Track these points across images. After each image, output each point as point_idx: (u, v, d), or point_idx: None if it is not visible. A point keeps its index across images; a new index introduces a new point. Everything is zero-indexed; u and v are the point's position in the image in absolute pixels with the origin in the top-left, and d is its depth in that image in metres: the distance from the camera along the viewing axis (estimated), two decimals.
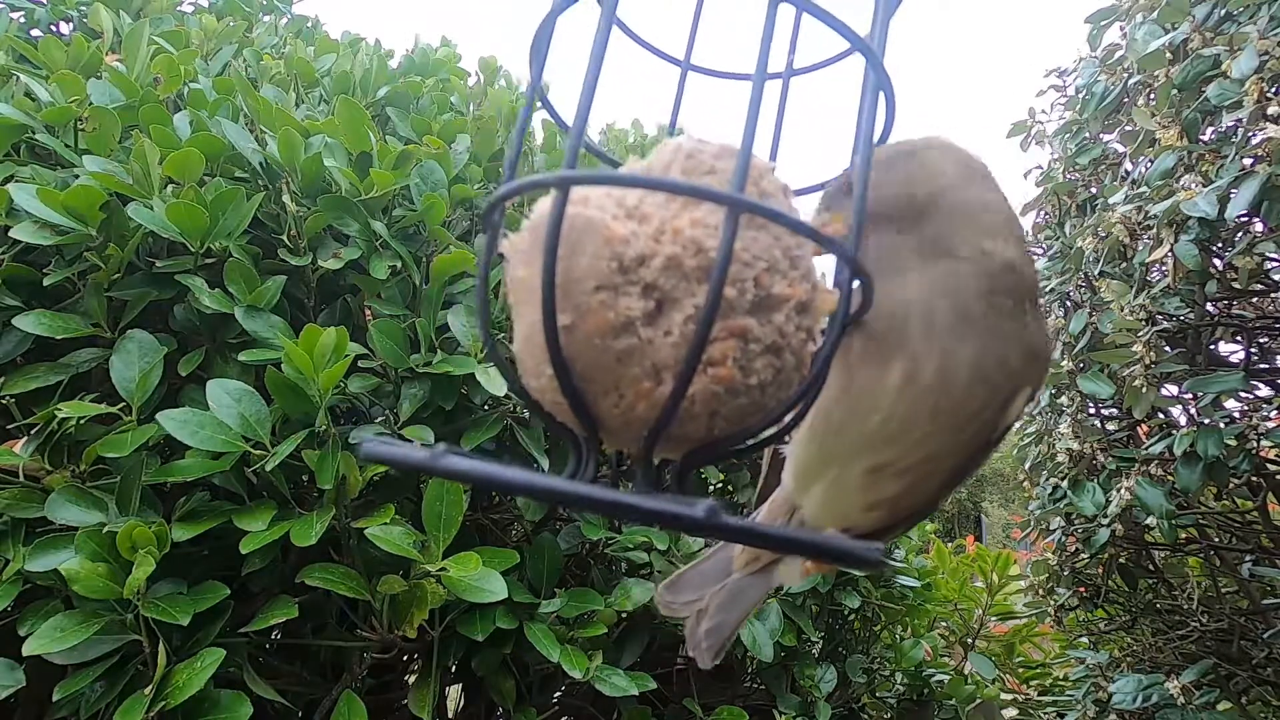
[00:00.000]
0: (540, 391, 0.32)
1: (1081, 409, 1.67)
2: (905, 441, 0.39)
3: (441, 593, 0.96)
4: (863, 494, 0.42)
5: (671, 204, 0.31)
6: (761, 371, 0.31)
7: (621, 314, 0.29)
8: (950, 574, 2.19)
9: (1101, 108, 1.63)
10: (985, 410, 0.39)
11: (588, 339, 0.30)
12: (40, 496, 0.89)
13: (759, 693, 1.49)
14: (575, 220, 0.30)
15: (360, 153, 1.19)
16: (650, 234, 0.30)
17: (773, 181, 0.34)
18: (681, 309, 0.30)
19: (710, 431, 0.31)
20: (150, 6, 1.53)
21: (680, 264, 0.30)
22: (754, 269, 0.31)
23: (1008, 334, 0.38)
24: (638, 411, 0.30)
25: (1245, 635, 1.64)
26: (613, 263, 0.30)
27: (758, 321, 0.31)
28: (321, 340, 0.94)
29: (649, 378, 0.30)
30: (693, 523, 0.25)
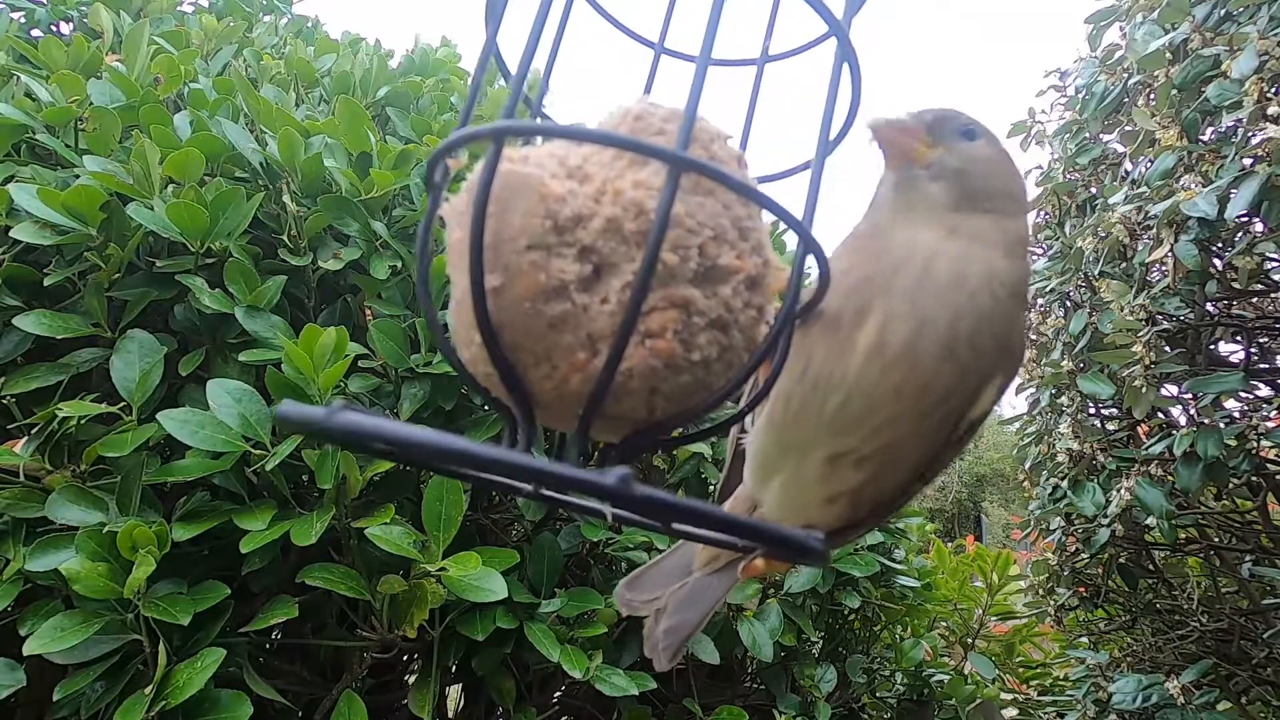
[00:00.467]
0: (472, 362, 0.30)
1: (1081, 409, 1.67)
2: (866, 426, 0.38)
3: (441, 592, 0.96)
4: (822, 485, 0.41)
5: (616, 164, 0.30)
6: (705, 347, 0.29)
7: (554, 276, 0.27)
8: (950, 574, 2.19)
9: (1101, 108, 1.63)
10: (951, 396, 0.38)
11: (518, 302, 0.28)
12: (40, 496, 0.89)
13: (759, 693, 1.49)
14: (510, 177, 0.28)
15: (360, 153, 1.19)
16: (590, 194, 0.29)
17: (726, 149, 0.33)
18: (620, 275, 0.28)
19: (651, 411, 0.29)
20: (150, 6, 1.53)
21: (620, 226, 0.28)
22: (699, 236, 0.29)
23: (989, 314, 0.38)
24: (571, 384, 0.28)
25: (1245, 635, 1.64)
26: (547, 220, 0.28)
27: (702, 293, 0.29)
28: (322, 340, 0.94)
29: (583, 348, 0.28)
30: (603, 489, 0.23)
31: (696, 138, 0.31)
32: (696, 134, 0.31)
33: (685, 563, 0.55)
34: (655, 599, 0.56)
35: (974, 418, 0.40)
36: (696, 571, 0.54)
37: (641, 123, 0.32)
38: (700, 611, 0.55)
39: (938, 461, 0.41)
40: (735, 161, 0.33)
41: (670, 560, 0.57)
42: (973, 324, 0.37)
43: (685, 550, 0.55)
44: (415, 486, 1.11)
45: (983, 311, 0.37)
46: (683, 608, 0.55)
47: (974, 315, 0.37)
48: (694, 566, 0.54)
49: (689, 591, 0.55)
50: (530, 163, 0.29)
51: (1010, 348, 0.39)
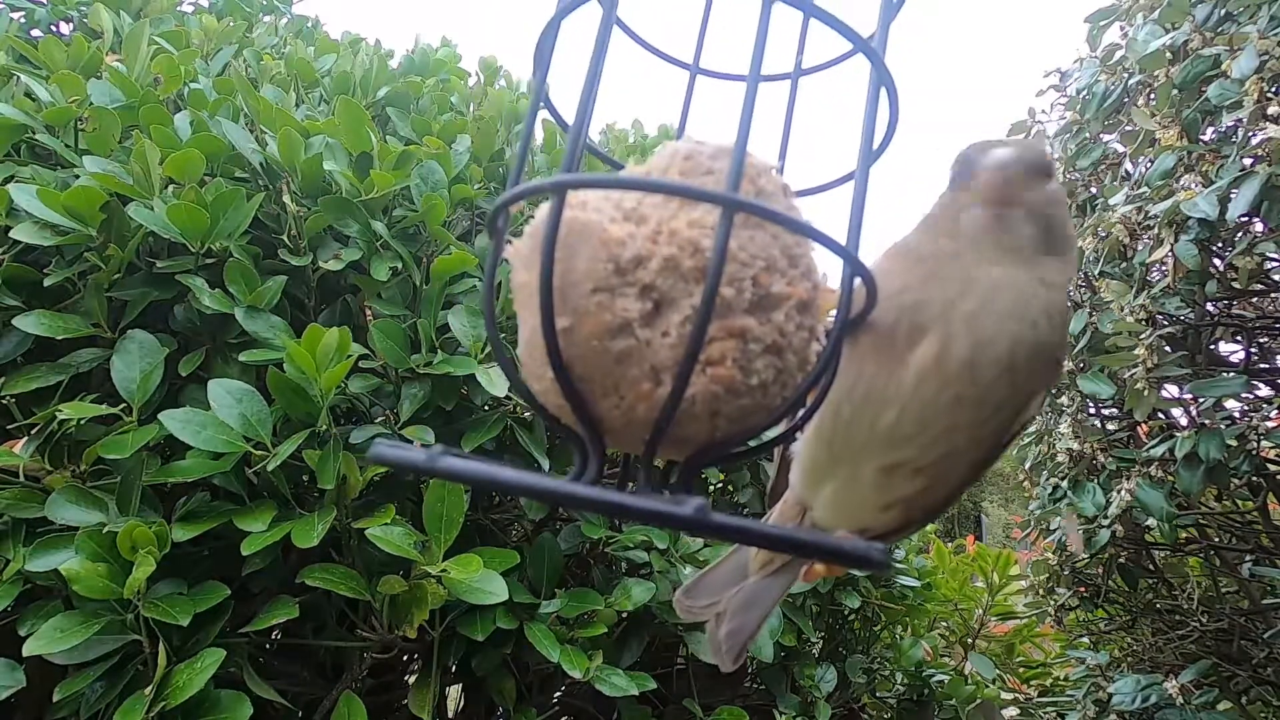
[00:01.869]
0: (544, 394, 0.32)
1: (1082, 409, 1.67)
2: (923, 439, 0.39)
3: (442, 593, 0.96)
4: (878, 494, 0.42)
5: (669, 205, 0.31)
6: (763, 371, 0.31)
7: (619, 315, 0.29)
8: (950, 574, 2.19)
9: (1102, 108, 1.63)
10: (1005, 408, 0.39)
11: (586, 341, 0.30)
12: (40, 496, 0.89)
13: (759, 693, 1.49)
14: (572, 224, 0.30)
15: (360, 153, 1.19)
16: (647, 235, 0.30)
17: (772, 180, 0.34)
18: (679, 310, 0.30)
19: (713, 432, 0.31)
20: (150, 7, 1.53)
21: (677, 265, 0.30)
22: (752, 268, 0.31)
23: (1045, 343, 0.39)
24: (638, 413, 0.30)
25: (1245, 635, 1.64)
26: (609, 264, 0.30)
27: (757, 321, 0.30)
28: (323, 340, 0.94)
29: (648, 379, 0.30)
30: (682, 521, 0.25)
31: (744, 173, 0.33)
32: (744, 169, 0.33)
33: (741, 567, 0.57)
34: (714, 604, 0.57)
35: (1023, 422, 0.41)
36: (753, 575, 0.56)
37: (690, 163, 0.34)
38: (760, 613, 0.56)
39: (990, 462, 0.42)
40: (781, 192, 0.35)
41: (725, 565, 0.58)
42: (1030, 350, 0.38)
43: (740, 555, 0.57)
44: (415, 487, 1.11)
45: (1041, 339, 0.39)
46: (742, 610, 0.56)
47: (1032, 343, 0.38)
48: (750, 570, 0.56)
49: (747, 595, 0.56)
50: (589, 208, 0.31)
51: (1058, 361, 0.41)
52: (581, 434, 0.31)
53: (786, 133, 0.45)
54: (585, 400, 0.30)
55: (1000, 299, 0.38)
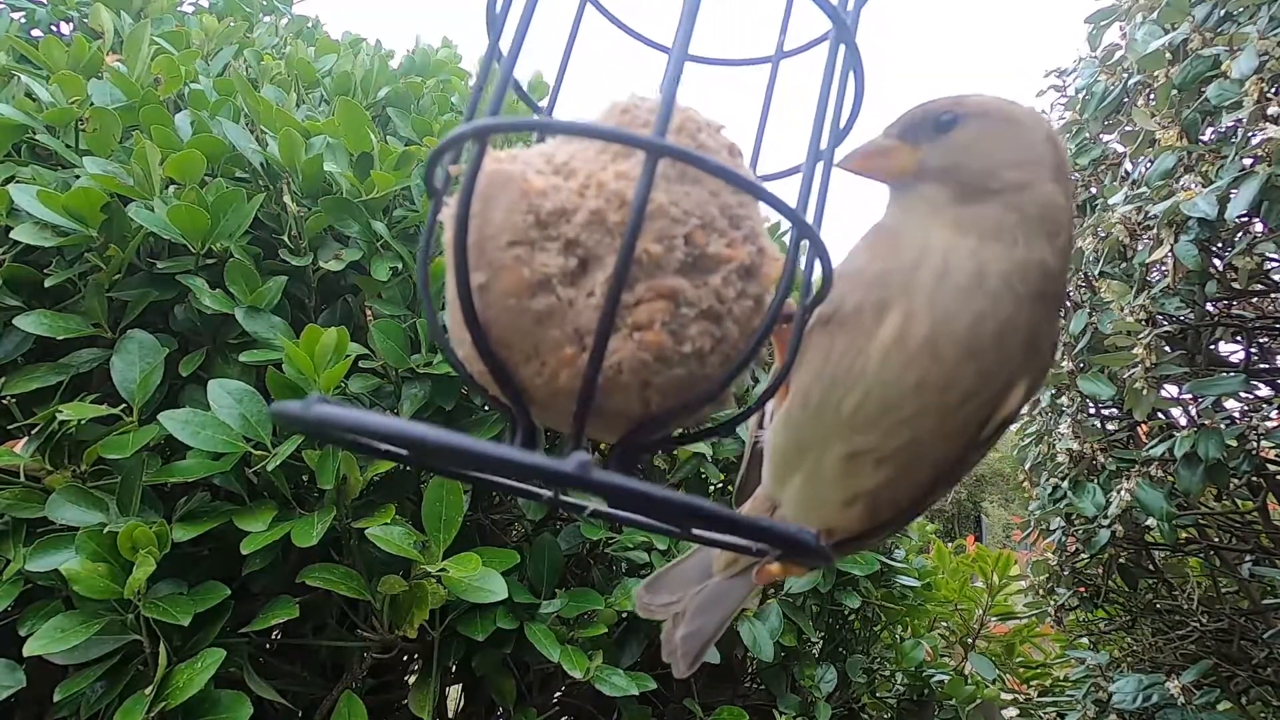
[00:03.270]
0: (468, 361, 0.30)
1: (1081, 409, 1.67)
2: (886, 423, 0.37)
3: (442, 593, 0.96)
4: (841, 485, 0.40)
5: (600, 159, 0.29)
6: (697, 339, 0.28)
7: (538, 271, 0.27)
8: (950, 574, 2.19)
9: (1101, 108, 1.63)
10: (975, 396, 0.37)
11: (503, 298, 0.28)
12: (41, 496, 0.89)
13: (759, 693, 1.49)
14: (494, 175, 0.28)
15: (361, 153, 1.19)
16: (575, 188, 0.28)
17: (716, 138, 0.32)
18: (605, 267, 0.27)
19: (646, 405, 0.29)
20: (151, 7, 1.53)
21: (604, 218, 0.28)
22: (685, 225, 0.28)
23: (1012, 317, 0.36)
24: (562, 380, 0.28)
25: (1245, 635, 1.64)
26: (529, 216, 0.28)
27: (690, 283, 0.28)
28: (322, 340, 0.94)
29: (571, 342, 0.27)
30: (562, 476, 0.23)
31: (683, 126, 0.31)
32: (683, 123, 0.31)
33: (705, 566, 0.54)
34: (674, 603, 0.54)
35: (1001, 419, 0.39)
36: (716, 575, 0.53)
37: (628, 116, 0.32)
38: (719, 616, 0.53)
39: (962, 464, 0.40)
40: (726, 151, 0.32)
41: (689, 563, 0.55)
42: (996, 326, 0.36)
43: (705, 553, 0.54)
44: (416, 487, 1.11)
45: (1006, 314, 0.36)
46: (701, 612, 0.53)
47: (997, 318, 0.36)
48: (713, 570, 0.53)
49: (707, 595, 0.53)
50: (518, 161, 0.29)
51: (1038, 349, 0.38)
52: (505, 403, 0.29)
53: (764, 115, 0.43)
54: (505, 365, 0.28)
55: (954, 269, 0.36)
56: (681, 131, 0.31)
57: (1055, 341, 0.40)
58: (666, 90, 0.26)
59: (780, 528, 0.26)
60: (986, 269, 0.36)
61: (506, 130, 0.29)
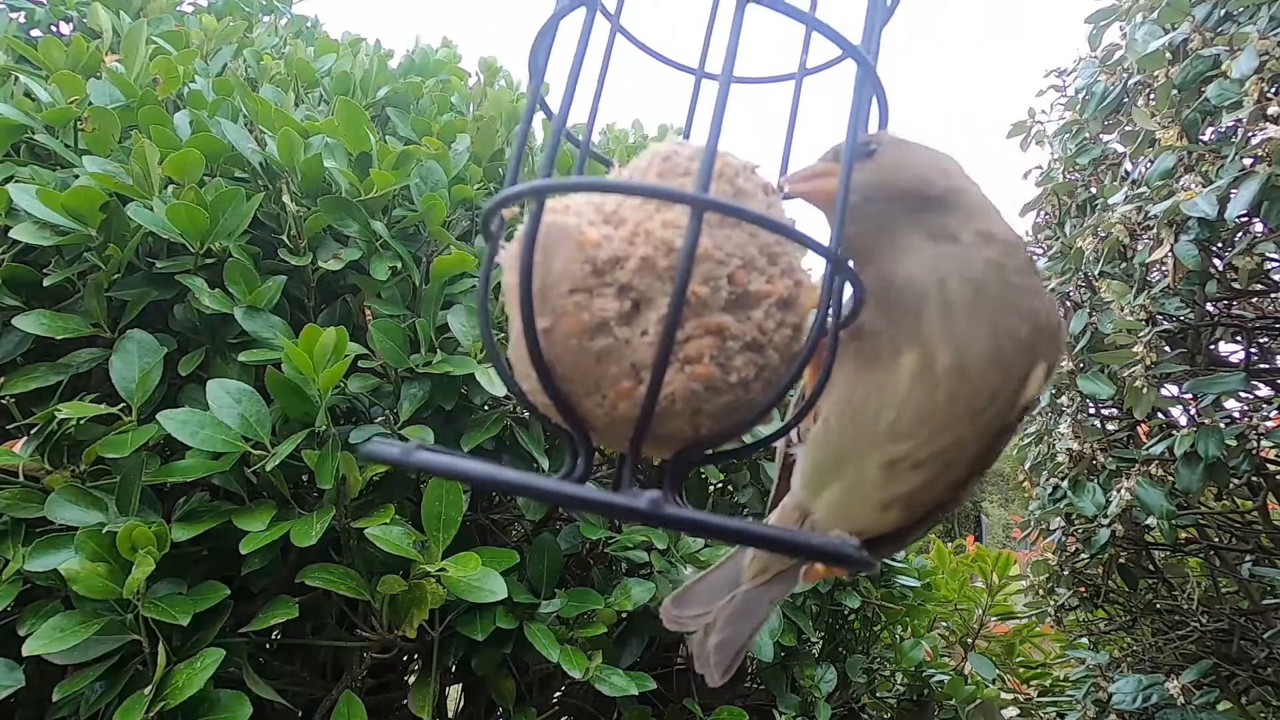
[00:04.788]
0: (532, 394, 0.33)
1: (1081, 409, 1.66)
2: (922, 433, 0.39)
3: (441, 593, 0.96)
4: (879, 491, 0.41)
5: (647, 207, 0.32)
6: (743, 368, 0.31)
7: (596, 315, 0.30)
8: (950, 574, 2.19)
9: (1101, 108, 1.63)
10: (1002, 390, 0.38)
11: (565, 340, 0.30)
12: (40, 496, 0.89)
13: (759, 693, 1.49)
14: (551, 227, 0.31)
15: (360, 153, 1.19)
16: (625, 237, 0.31)
17: (751, 179, 0.34)
18: (656, 308, 0.30)
19: (696, 429, 0.31)
20: (150, 7, 1.53)
21: (653, 264, 0.30)
22: (728, 266, 0.31)
23: (1019, 307, 0.38)
24: (620, 410, 0.30)
25: (1245, 635, 1.64)
26: (586, 265, 0.30)
27: (735, 319, 0.31)
28: (321, 340, 0.94)
29: (628, 377, 0.30)
30: (635, 513, 0.25)
31: (721, 173, 0.34)
32: (721, 169, 0.34)
33: (733, 576, 0.55)
34: (704, 614, 0.55)
35: (1025, 403, 0.40)
36: (745, 584, 0.54)
37: (669, 164, 0.34)
38: (752, 624, 0.54)
39: (992, 452, 0.41)
40: (761, 191, 0.35)
41: (717, 574, 0.56)
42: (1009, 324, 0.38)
43: (733, 563, 0.55)
44: (415, 487, 1.11)
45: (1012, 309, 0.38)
46: (733, 621, 0.54)
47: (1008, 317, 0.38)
48: (743, 579, 0.54)
49: (738, 605, 0.54)
50: (571, 211, 0.32)
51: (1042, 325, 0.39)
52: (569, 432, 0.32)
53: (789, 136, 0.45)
54: (569, 399, 0.31)
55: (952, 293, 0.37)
56: (720, 178, 0.34)
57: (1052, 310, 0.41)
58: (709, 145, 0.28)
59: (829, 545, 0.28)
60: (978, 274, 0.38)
61: (564, 191, 0.31)
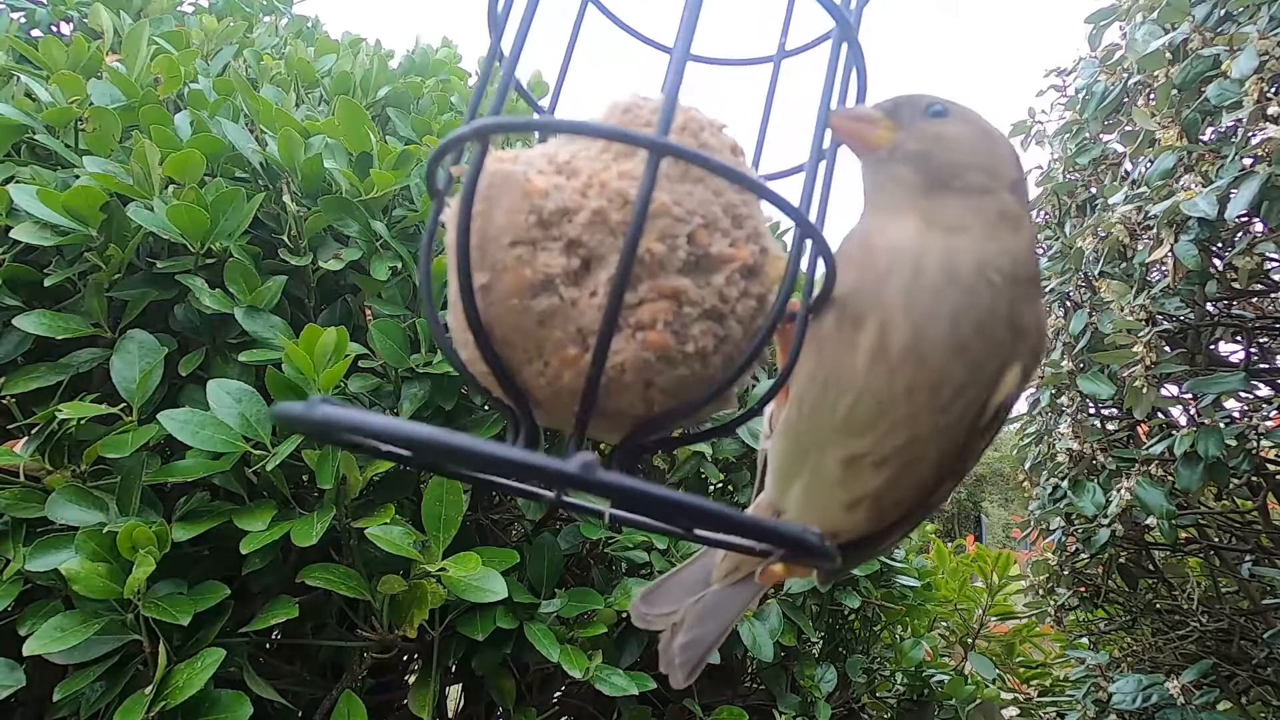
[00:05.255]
0: (471, 363, 0.30)
1: (1081, 409, 1.67)
2: (881, 426, 0.37)
3: (441, 593, 0.96)
4: (842, 489, 0.39)
5: (603, 158, 0.29)
6: (700, 338, 0.28)
7: (540, 271, 0.27)
8: (950, 574, 2.19)
9: (1101, 108, 1.63)
10: (968, 388, 0.36)
11: (505, 299, 0.27)
12: (40, 496, 0.89)
13: (759, 693, 1.49)
14: (495, 175, 0.28)
15: (360, 153, 1.19)
16: (577, 188, 0.28)
17: (719, 137, 0.32)
18: (608, 267, 0.27)
19: (649, 405, 0.28)
20: (150, 7, 1.53)
21: (606, 218, 0.28)
22: (688, 224, 0.28)
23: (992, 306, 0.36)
24: (565, 380, 0.28)
25: (1245, 635, 1.64)
26: (531, 216, 0.27)
27: (694, 283, 0.28)
28: (322, 340, 0.94)
29: (574, 343, 0.27)
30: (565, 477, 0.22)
31: (685, 126, 0.31)
32: (685, 122, 0.31)
33: (704, 575, 0.53)
34: (672, 613, 0.53)
35: (998, 404, 0.38)
36: (715, 584, 0.52)
37: (630, 115, 0.32)
38: (719, 625, 0.52)
39: (966, 454, 0.39)
40: (729, 150, 0.32)
41: (687, 572, 0.54)
42: (977, 318, 0.36)
43: (703, 562, 0.53)
44: (415, 486, 1.11)
45: (984, 304, 0.36)
46: (701, 621, 0.52)
47: (976, 309, 0.36)
48: (713, 578, 0.52)
49: (707, 604, 0.52)
50: (520, 161, 0.29)
51: (1023, 329, 0.37)
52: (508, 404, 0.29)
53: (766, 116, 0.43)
54: (508, 366, 0.28)
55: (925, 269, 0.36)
56: (684, 131, 0.31)
57: (1041, 320, 0.39)
58: (669, 89, 0.26)
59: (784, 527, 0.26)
60: (958, 263, 0.36)
61: (508, 130, 0.29)
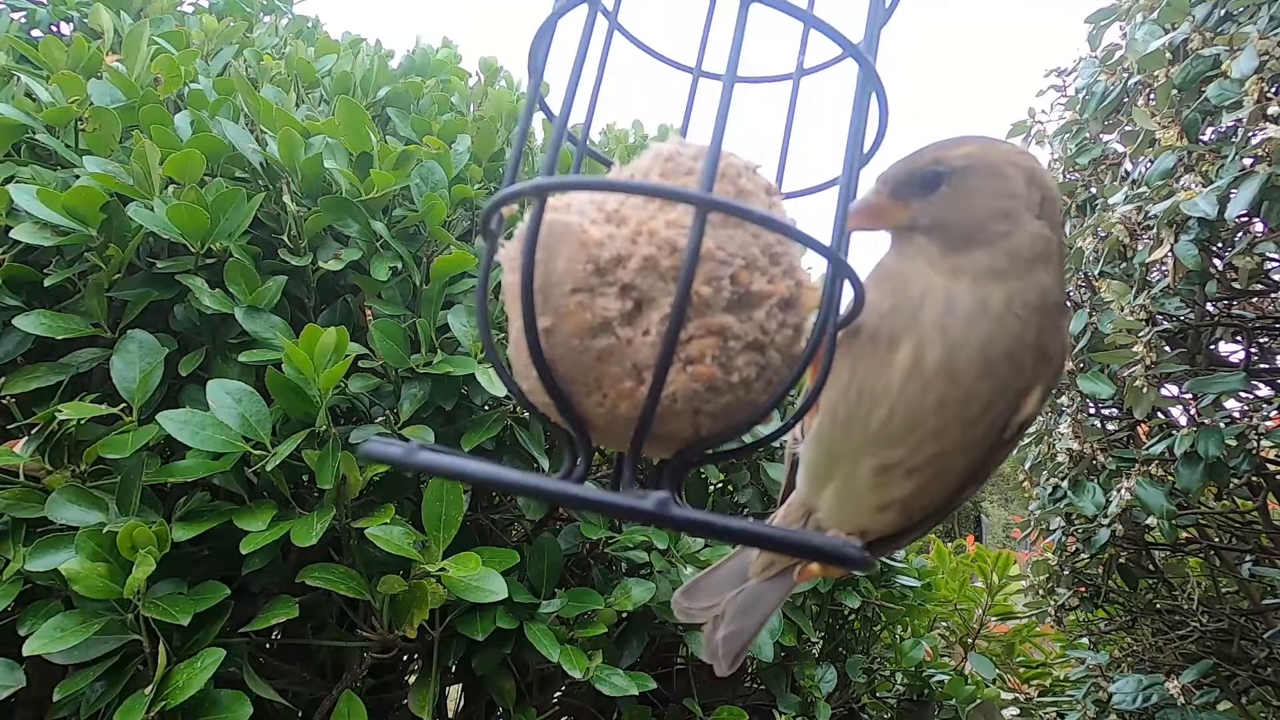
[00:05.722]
0: (532, 393, 0.33)
1: (1081, 409, 1.66)
2: (912, 438, 0.39)
3: (441, 593, 0.96)
4: (874, 494, 0.42)
5: (649, 206, 0.32)
6: (744, 368, 0.31)
7: (598, 314, 0.30)
8: (950, 574, 2.19)
9: (1101, 108, 1.63)
10: (995, 405, 0.39)
11: (567, 340, 0.30)
12: (40, 496, 0.89)
13: (759, 693, 1.49)
14: (553, 226, 0.31)
15: (361, 153, 1.19)
16: (627, 236, 0.31)
17: (754, 181, 0.34)
18: (658, 308, 0.30)
19: (697, 429, 0.31)
20: (151, 7, 1.53)
21: (656, 264, 0.30)
22: (730, 266, 0.31)
23: (1020, 334, 0.38)
24: (621, 410, 0.30)
25: (1245, 635, 1.64)
26: (588, 265, 0.30)
27: (737, 319, 0.31)
28: (322, 340, 0.94)
29: (630, 377, 0.30)
30: (641, 514, 0.25)
31: (724, 173, 0.34)
32: (724, 169, 0.34)
33: (740, 570, 0.56)
34: (713, 606, 0.56)
35: (1021, 420, 0.40)
36: (752, 579, 0.55)
37: (672, 164, 0.34)
38: (758, 617, 0.55)
39: (989, 463, 0.42)
40: (764, 192, 0.35)
41: (725, 568, 0.57)
42: (1006, 345, 0.38)
43: (740, 558, 0.57)
44: (415, 486, 1.11)
45: (1013, 332, 0.38)
46: (740, 614, 0.55)
47: (1006, 337, 0.38)
48: (750, 574, 0.55)
49: (745, 598, 0.55)
50: (572, 210, 0.32)
51: (1048, 356, 0.40)
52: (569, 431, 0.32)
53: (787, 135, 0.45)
54: (569, 399, 0.31)
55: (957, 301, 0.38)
56: (724, 178, 0.34)
57: (1065, 343, 0.41)
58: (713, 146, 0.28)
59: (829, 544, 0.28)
60: (988, 300, 0.38)
61: (565, 189, 0.31)
